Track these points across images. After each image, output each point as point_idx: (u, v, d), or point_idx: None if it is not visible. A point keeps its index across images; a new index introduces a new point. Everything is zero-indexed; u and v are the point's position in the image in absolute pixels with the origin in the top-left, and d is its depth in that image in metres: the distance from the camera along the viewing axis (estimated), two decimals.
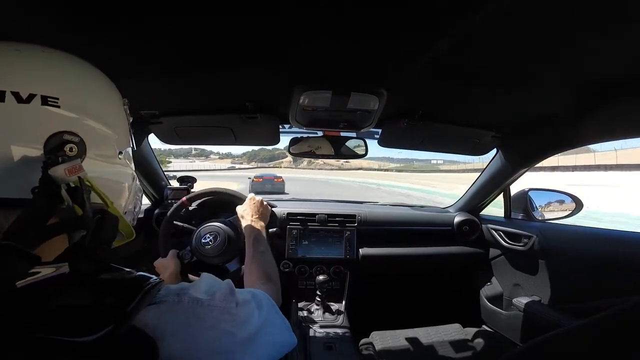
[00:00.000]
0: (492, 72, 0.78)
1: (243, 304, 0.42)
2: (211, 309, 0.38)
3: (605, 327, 0.44)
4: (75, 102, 0.38)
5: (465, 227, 1.61)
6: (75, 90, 0.40)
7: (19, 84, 0.35)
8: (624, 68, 0.70)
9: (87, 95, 0.42)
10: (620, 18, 0.53)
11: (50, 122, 0.36)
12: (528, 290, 1.34)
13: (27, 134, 0.35)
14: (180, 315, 0.36)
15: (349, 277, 1.47)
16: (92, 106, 0.41)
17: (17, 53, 0.38)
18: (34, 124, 0.35)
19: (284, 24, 0.60)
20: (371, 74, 0.82)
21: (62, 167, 0.33)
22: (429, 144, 1.33)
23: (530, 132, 1.19)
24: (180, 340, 0.34)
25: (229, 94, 1.01)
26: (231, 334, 0.38)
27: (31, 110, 0.34)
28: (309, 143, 1.31)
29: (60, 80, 0.39)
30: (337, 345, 1.17)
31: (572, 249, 1.15)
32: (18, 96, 0.34)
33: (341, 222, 1.49)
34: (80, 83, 0.42)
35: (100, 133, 0.42)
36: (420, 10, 0.55)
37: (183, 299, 0.37)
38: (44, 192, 0.32)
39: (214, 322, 0.38)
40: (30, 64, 0.38)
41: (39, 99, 0.35)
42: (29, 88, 0.35)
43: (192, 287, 0.40)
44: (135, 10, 0.54)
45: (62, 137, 0.36)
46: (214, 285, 0.42)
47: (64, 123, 0.37)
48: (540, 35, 0.60)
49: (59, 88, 0.38)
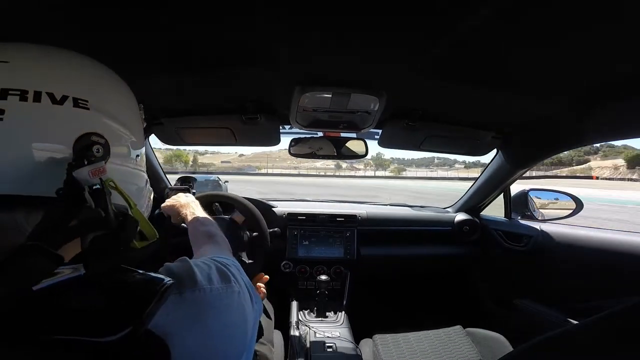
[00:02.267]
0: (492, 72, 0.78)
1: (236, 275, 0.44)
2: (215, 295, 0.39)
3: (605, 327, 0.44)
4: (101, 104, 0.39)
5: (465, 227, 1.61)
6: (101, 93, 0.41)
7: (52, 85, 0.35)
8: (624, 68, 0.70)
9: (110, 97, 0.43)
10: (620, 18, 0.53)
11: (80, 124, 0.37)
12: (528, 290, 1.34)
13: (58, 134, 0.35)
14: (186, 310, 0.36)
15: (350, 277, 1.48)
16: (115, 109, 0.42)
17: (47, 55, 0.40)
18: (65, 125, 0.36)
19: (283, 24, 0.60)
20: (371, 74, 0.83)
21: (87, 169, 0.34)
22: (429, 145, 1.33)
23: (531, 133, 1.19)
24: (193, 336, 0.34)
25: (229, 95, 1.01)
26: (242, 307, 0.40)
27: (64, 111, 0.35)
28: (309, 144, 1.31)
29: (89, 82, 0.40)
30: (338, 345, 1.17)
31: (572, 249, 1.15)
32: (53, 97, 0.35)
33: (342, 222, 1.49)
34: (105, 86, 0.43)
35: (121, 135, 0.43)
36: (420, 11, 0.55)
37: (184, 293, 0.37)
38: (68, 193, 0.33)
39: (223, 307, 0.38)
40: (62, 66, 0.40)
41: (71, 100, 0.36)
42: (62, 90, 0.36)
43: (187, 278, 0.39)
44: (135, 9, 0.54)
45: (90, 138, 0.37)
46: (205, 269, 0.42)
47: (91, 125, 0.37)
48: (540, 36, 0.61)
49: (88, 90, 0.39)
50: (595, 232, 1.11)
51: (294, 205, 1.68)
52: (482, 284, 1.62)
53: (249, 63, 0.77)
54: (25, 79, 0.35)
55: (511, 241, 1.43)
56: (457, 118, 1.14)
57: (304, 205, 1.69)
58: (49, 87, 0.35)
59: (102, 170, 0.35)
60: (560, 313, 1.14)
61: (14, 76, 0.35)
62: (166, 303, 0.34)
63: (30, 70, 0.37)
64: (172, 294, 0.36)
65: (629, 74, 0.71)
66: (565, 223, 1.35)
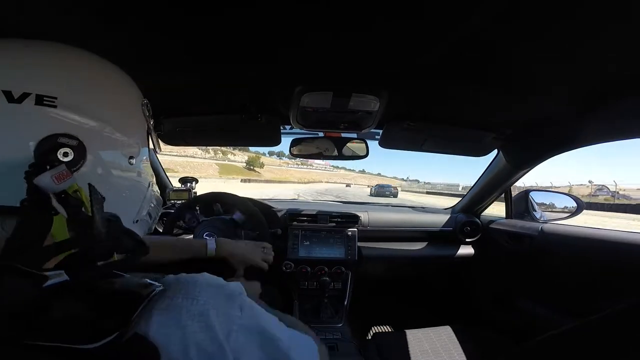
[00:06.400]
0: (492, 73, 0.78)
1: (250, 309, 0.38)
2: (207, 308, 0.34)
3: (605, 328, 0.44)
4: (76, 102, 0.35)
5: (466, 228, 1.61)
6: (78, 87, 0.37)
7: (12, 81, 0.32)
8: (624, 68, 0.70)
9: (93, 93, 0.38)
10: (620, 18, 0.54)
11: (44, 124, 0.33)
12: (529, 291, 1.33)
13: (16, 137, 0.32)
14: (173, 315, 0.33)
15: (351, 277, 1.48)
16: (98, 106, 0.38)
17: (14, 48, 0.36)
18: (24, 126, 0.32)
19: (283, 23, 0.60)
20: (372, 74, 0.83)
21: (49, 174, 0.30)
22: (430, 145, 1.33)
23: (531, 133, 1.19)
24: (177, 344, 0.31)
25: (230, 95, 1.01)
26: (227, 337, 0.34)
27: (22, 111, 0.32)
28: (310, 144, 1.32)
29: (61, 76, 0.36)
30: (339, 345, 1.17)
31: (572, 250, 1.15)
32: (9, 95, 0.31)
33: (343, 222, 1.49)
34: (85, 79, 0.39)
35: (107, 136, 0.38)
36: (421, 11, 0.55)
37: (177, 298, 0.34)
38: (33, 202, 0.29)
39: (209, 323, 0.33)
40: (27, 60, 0.35)
41: (32, 98, 0.32)
42: (23, 86, 0.32)
43: (188, 284, 0.36)
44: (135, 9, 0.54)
45: (56, 140, 0.33)
46: (214, 283, 0.38)
47: (60, 125, 0.34)
48: (540, 37, 0.61)
49: (58, 85, 0.35)
50: (596, 232, 1.11)
51: (295, 205, 1.68)
52: (483, 284, 1.62)
53: (249, 62, 0.77)
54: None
55: (512, 242, 1.42)
56: (458, 119, 1.14)
57: (304, 206, 1.69)
58: (6, 84, 0.32)
59: (65, 174, 0.31)
60: (560, 313, 1.14)
61: None
62: (157, 309, 0.32)
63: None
64: (164, 298, 0.34)
65: (630, 74, 0.72)
66: (565, 224, 1.35)
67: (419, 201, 17.19)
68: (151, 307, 0.32)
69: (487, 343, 1.21)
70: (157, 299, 0.33)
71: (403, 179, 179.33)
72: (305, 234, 1.47)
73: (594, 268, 1.06)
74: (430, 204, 2.17)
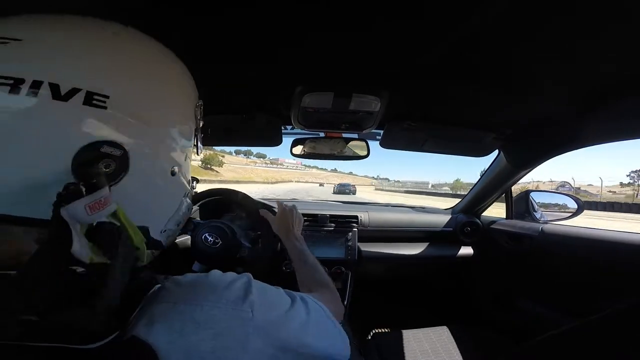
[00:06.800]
0: (493, 73, 0.78)
1: (262, 306, 0.35)
2: (214, 314, 0.32)
3: (605, 328, 0.44)
4: (131, 102, 0.29)
5: (466, 228, 1.61)
6: (136, 84, 0.31)
7: (61, 72, 0.26)
8: (624, 68, 0.70)
9: (151, 92, 0.32)
10: (620, 18, 0.54)
11: (89, 128, 0.27)
12: (529, 291, 1.33)
13: (55, 142, 0.26)
14: (176, 323, 0.30)
15: (351, 277, 1.48)
16: (154, 108, 0.32)
17: (67, 29, 0.29)
18: (66, 129, 0.26)
19: (283, 23, 0.60)
20: (372, 75, 0.83)
21: (82, 203, 0.24)
22: (431, 145, 1.33)
23: (532, 134, 1.19)
24: (179, 352, 0.29)
25: (231, 95, 1.01)
26: (243, 343, 0.32)
27: (67, 111, 0.26)
28: (310, 144, 1.32)
29: (119, 69, 0.30)
30: None
31: (572, 250, 1.15)
32: (56, 90, 0.25)
33: (343, 222, 1.49)
34: (146, 74, 0.32)
35: (155, 145, 0.33)
36: (421, 12, 0.55)
37: (178, 304, 0.32)
38: (55, 235, 0.24)
39: (218, 330, 0.31)
40: (84, 45, 0.29)
41: (82, 94, 0.26)
42: (74, 79, 0.26)
43: (190, 291, 0.33)
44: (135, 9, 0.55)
45: (99, 149, 0.27)
46: (220, 284, 0.35)
47: (107, 130, 0.28)
48: (541, 37, 0.61)
49: (114, 81, 0.29)
50: (597, 232, 1.11)
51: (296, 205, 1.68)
52: (483, 284, 1.62)
53: (250, 62, 0.77)
54: (24, 62, 0.26)
55: (512, 242, 1.42)
56: (458, 119, 1.14)
57: (304, 206, 1.69)
58: (55, 76, 0.26)
59: (103, 202, 0.25)
60: (560, 313, 1.14)
61: (10, 58, 0.26)
62: (155, 312, 0.31)
63: (38, 50, 0.27)
64: (163, 303, 0.32)
65: (630, 74, 0.72)
66: (566, 224, 1.35)
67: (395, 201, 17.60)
68: (152, 311, 0.31)
69: (487, 343, 1.21)
70: (157, 304, 0.32)
71: (374, 177, 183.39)
72: (305, 234, 1.46)
73: (594, 268, 1.06)
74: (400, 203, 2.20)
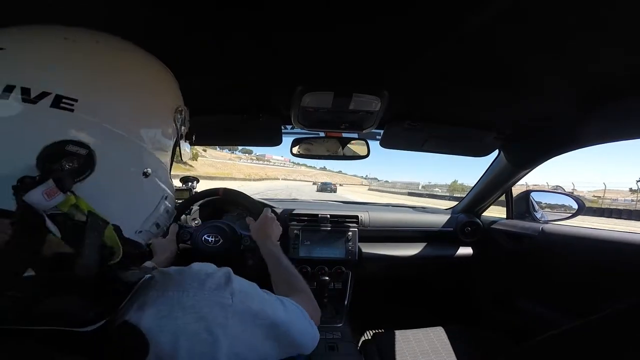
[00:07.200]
0: (493, 73, 0.78)
1: (240, 293, 0.39)
2: (198, 299, 0.35)
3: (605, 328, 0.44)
4: (100, 105, 0.32)
5: (467, 228, 1.61)
6: (106, 87, 0.32)
7: (33, 77, 0.29)
8: (624, 68, 0.70)
9: (121, 96, 0.34)
10: (621, 18, 0.54)
11: (54, 130, 0.30)
12: (529, 291, 1.33)
13: (23, 140, 0.29)
14: (164, 307, 0.33)
15: (351, 277, 1.48)
16: (124, 113, 0.34)
17: (45, 37, 0.32)
18: (33, 129, 0.29)
19: (283, 22, 0.60)
20: (373, 75, 0.83)
21: (40, 190, 0.26)
22: (431, 145, 1.33)
23: (532, 134, 1.19)
24: (167, 334, 0.32)
25: (231, 95, 1.01)
26: (223, 326, 0.35)
27: (34, 113, 0.28)
28: (311, 144, 1.32)
29: (89, 73, 0.32)
30: (339, 345, 1.17)
31: (572, 250, 1.15)
32: (27, 93, 0.28)
33: (343, 222, 1.49)
34: (117, 77, 0.34)
35: (124, 146, 0.35)
36: (422, 11, 0.55)
37: (167, 291, 0.35)
38: (21, 223, 0.26)
39: (201, 314, 0.34)
40: (57, 53, 0.31)
41: (51, 98, 0.29)
42: (45, 84, 0.29)
43: (177, 279, 0.37)
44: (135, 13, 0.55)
45: (64, 148, 0.30)
46: (202, 273, 0.38)
47: (73, 131, 0.30)
48: (541, 36, 0.61)
49: (84, 84, 0.31)
50: (597, 232, 1.11)
51: (296, 205, 1.68)
52: (484, 284, 1.62)
53: (250, 62, 0.77)
54: (3, 69, 0.29)
55: (512, 242, 1.42)
56: (459, 118, 1.14)
57: (305, 206, 1.69)
58: (28, 80, 0.28)
59: (54, 191, 0.27)
60: (560, 313, 1.14)
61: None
62: (145, 299, 0.33)
63: (16, 57, 0.30)
64: (153, 290, 0.34)
65: (630, 74, 0.72)
66: (566, 224, 1.35)
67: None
68: (143, 299, 0.33)
69: (487, 343, 1.21)
70: (147, 292, 0.34)
71: (362, 177, 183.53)
72: (306, 233, 1.47)
73: (594, 268, 1.06)
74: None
